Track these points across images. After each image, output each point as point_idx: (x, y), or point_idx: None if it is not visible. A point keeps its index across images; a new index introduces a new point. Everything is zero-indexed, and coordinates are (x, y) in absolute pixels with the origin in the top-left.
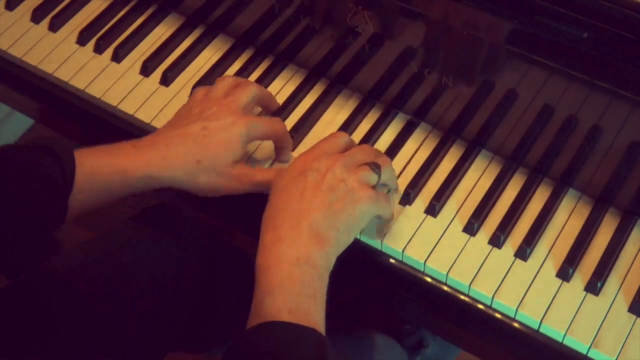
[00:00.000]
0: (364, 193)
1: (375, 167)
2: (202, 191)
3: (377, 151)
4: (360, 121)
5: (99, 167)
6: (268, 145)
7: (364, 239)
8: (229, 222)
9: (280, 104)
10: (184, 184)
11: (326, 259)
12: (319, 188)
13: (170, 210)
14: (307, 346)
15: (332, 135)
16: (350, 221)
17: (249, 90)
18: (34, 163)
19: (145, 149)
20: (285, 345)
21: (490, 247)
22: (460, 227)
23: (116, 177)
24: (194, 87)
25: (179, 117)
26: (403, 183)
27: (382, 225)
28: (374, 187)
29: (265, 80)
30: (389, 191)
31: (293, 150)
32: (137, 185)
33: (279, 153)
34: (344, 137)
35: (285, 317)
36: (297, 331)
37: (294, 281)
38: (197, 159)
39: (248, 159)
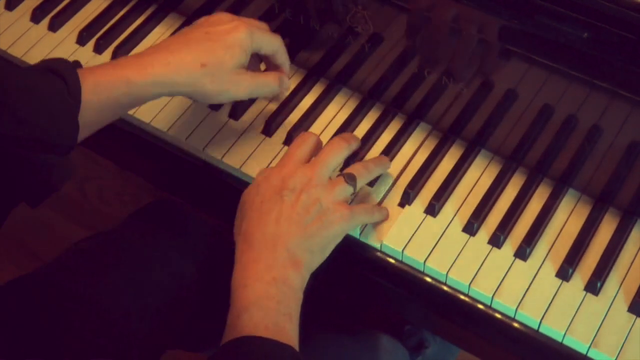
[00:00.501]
0: (338, 214)
1: (350, 179)
2: (206, 95)
3: (349, 140)
4: (360, 121)
5: (102, 80)
6: None
7: (364, 239)
8: (227, 221)
9: (280, 104)
10: (189, 88)
11: (301, 279)
12: (295, 210)
13: (170, 207)
14: None
15: (300, 139)
16: (324, 243)
17: (265, 28)
18: (39, 84)
19: (147, 56)
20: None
21: (490, 247)
22: (460, 227)
23: (121, 87)
24: None
25: (180, 30)
26: (403, 183)
27: (378, 224)
28: (352, 194)
29: None
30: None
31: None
32: (143, 93)
33: (277, 68)
34: (312, 138)
35: (262, 333)
36: (274, 347)
37: (270, 299)
38: (202, 62)
39: None
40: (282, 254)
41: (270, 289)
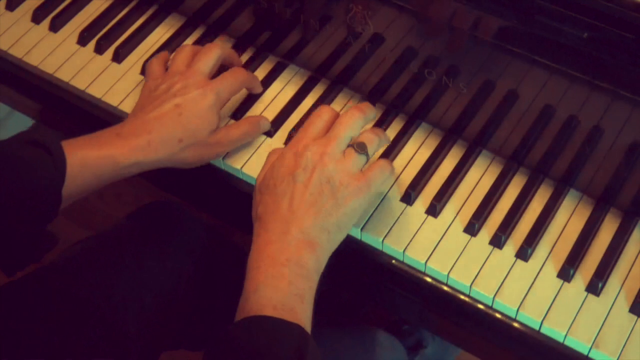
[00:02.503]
0: (352, 188)
1: (361, 148)
2: (188, 164)
3: (364, 110)
4: None
5: (88, 159)
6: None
7: (365, 239)
8: (228, 221)
9: (281, 105)
10: (171, 163)
11: (316, 261)
12: (308, 190)
13: (167, 207)
14: (287, 340)
15: (315, 114)
16: (341, 220)
17: (210, 57)
18: (27, 158)
19: (129, 137)
20: (264, 338)
21: (491, 247)
22: (461, 228)
23: (106, 167)
24: None
25: (148, 97)
26: (404, 183)
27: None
28: (365, 163)
29: (265, 81)
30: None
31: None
32: (126, 171)
33: (251, 91)
34: (327, 114)
35: (269, 313)
36: (278, 325)
37: (280, 280)
38: (179, 138)
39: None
40: (296, 235)
41: (282, 270)
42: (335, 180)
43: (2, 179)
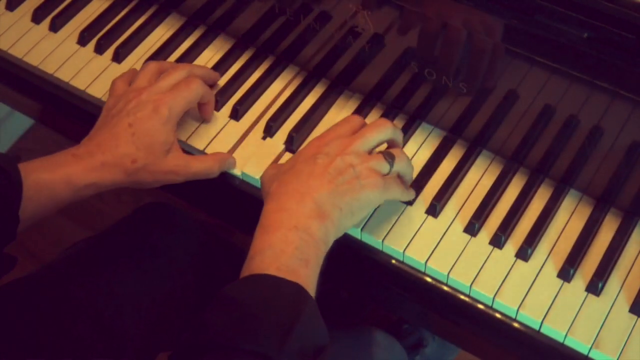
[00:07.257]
0: (372, 180)
1: (389, 157)
2: (144, 186)
3: (394, 128)
4: None
5: (43, 180)
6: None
7: (365, 239)
8: (228, 222)
9: (281, 105)
10: (126, 184)
11: (325, 232)
12: (327, 170)
13: (167, 208)
14: (284, 297)
15: (344, 119)
16: (354, 204)
17: (174, 76)
18: None
19: (84, 158)
20: (262, 293)
21: (491, 247)
22: (461, 228)
23: (61, 188)
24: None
25: (105, 117)
26: None
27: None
28: (386, 174)
29: (266, 80)
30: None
31: (295, 151)
32: (83, 192)
33: (202, 110)
34: (355, 120)
35: (272, 272)
36: (276, 282)
37: (287, 243)
38: (132, 159)
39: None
40: (308, 204)
41: (289, 234)
42: (356, 168)
43: None
